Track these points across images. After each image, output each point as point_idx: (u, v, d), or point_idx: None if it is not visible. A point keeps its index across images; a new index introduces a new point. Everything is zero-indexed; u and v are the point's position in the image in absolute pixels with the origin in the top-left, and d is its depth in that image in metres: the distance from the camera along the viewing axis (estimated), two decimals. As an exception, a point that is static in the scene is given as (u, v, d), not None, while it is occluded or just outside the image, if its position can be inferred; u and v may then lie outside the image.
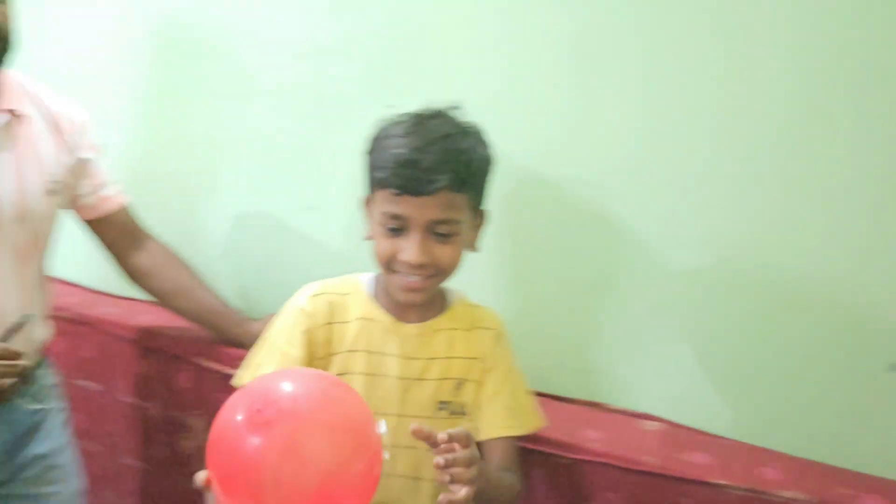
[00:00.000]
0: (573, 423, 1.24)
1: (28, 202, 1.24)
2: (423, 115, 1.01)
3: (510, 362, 1.11)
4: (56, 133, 1.30)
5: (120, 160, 1.54)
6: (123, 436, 1.60)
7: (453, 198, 0.96)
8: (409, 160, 0.94)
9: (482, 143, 1.02)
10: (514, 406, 1.09)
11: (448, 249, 0.98)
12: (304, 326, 1.05)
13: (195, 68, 1.57)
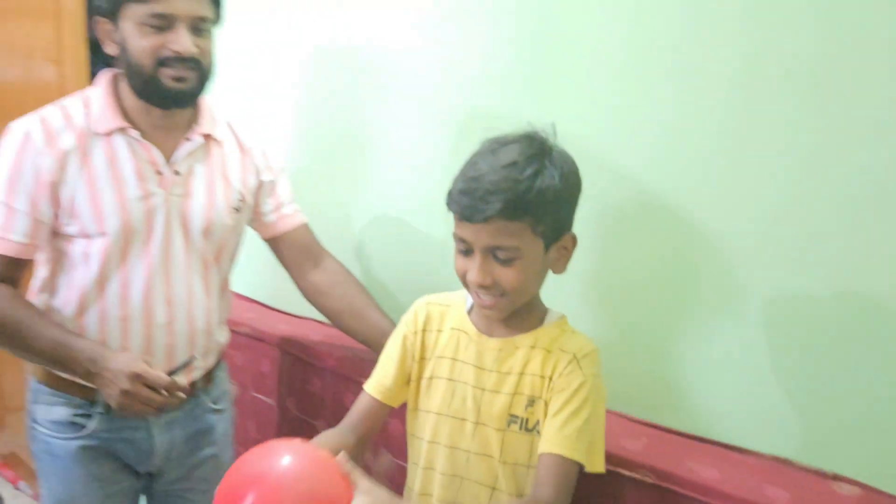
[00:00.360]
0: (753, 477, 1.14)
1: (215, 217, 1.37)
2: (500, 141, 1.04)
3: (583, 390, 1.05)
4: (244, 157, 1.44)
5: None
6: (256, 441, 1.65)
7: (507, 225, 1.00)
8: (466, 188, 1.01)
9: (551, 172, 1.01)
10: (570, 429, 1.03)
11: (509, 272, 1.02)
12: (403, 332, 1.18)
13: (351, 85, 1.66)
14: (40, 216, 1.28)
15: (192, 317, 1.38)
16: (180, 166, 1.34)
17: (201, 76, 1.30)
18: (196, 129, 1.36)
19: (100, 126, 1.29)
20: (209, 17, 1.29)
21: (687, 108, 1.19)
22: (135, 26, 1.24)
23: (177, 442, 1.44)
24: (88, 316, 1.32)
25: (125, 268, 1.31)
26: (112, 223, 1.28)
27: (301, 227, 1.52)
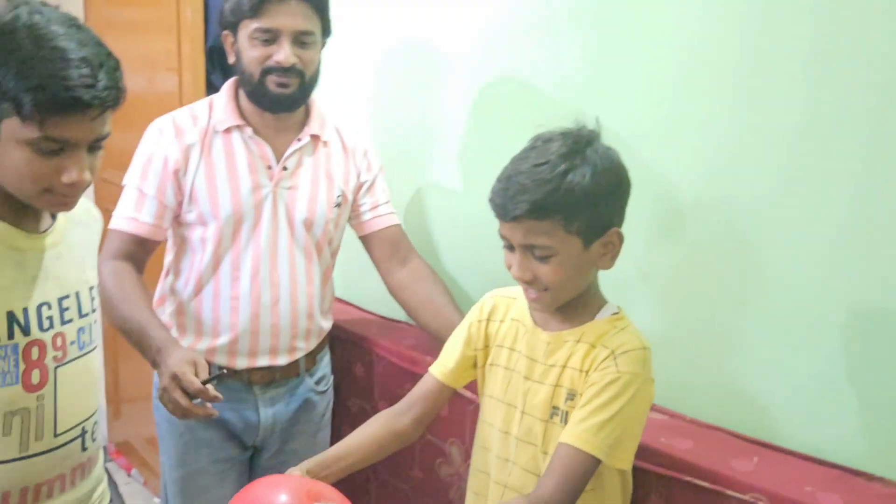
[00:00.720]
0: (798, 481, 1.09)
1: (316, 211, 1.51)
2: (541, 138, 1.07)
3: (614, 386, 1.04)
4: (347, 157, 1.58)
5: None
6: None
7: (537, 224, 1.02)
8: (500, 187, 1.05)
9: (582, 170, 1.02)
10: (592, 422, 1.03)
11: (547, 269, 1.04)
12: (469, 320, 1.24)
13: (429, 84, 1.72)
14: (166, 200, 1.45)
15: (295, 300, 1.51)
16: (288, 162, 1.50)
17: (303, 83, 1.45)
18: (305, 130, 1.51)
19: (220, 124, 1.48)
20: (312, 30, 1.44)
21: (749, 111, 1.18)
22: (247, 39, 1.42)
23: (280, 416, 1.57)
24: (204, 295, 1.49)
25: (235, 252, 1.47)
26: (224, 209, 1.45)
27: (393, 227, 1.62)
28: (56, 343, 1.06)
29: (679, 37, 1.26)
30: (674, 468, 1.16)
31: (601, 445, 1.02)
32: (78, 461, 1.11)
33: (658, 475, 1.18)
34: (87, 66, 0.93)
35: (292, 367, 1.56)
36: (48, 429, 1.06)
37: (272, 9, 1.39)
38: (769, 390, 1.22)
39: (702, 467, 1.14)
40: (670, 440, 1.21)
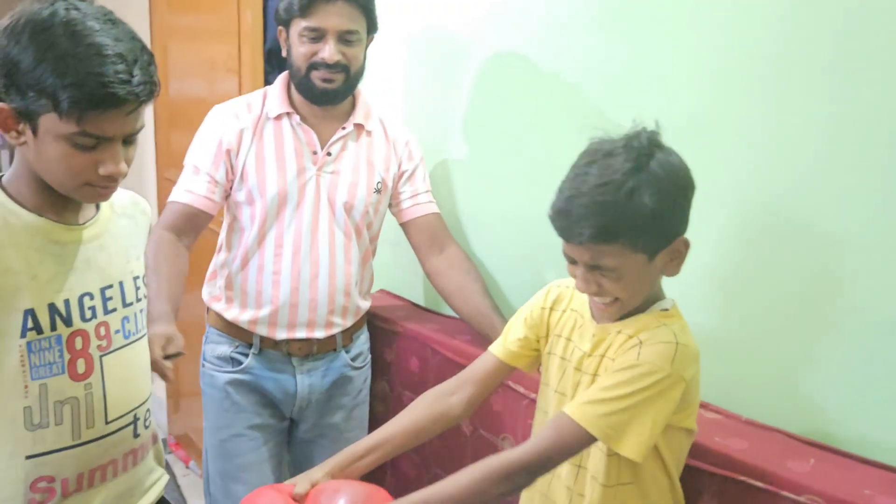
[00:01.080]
0: (856, 484, 1.07)
1: (357, 195, 1.62)
2: (600, 151, 1.03)
3: (629, 372, 1.03)
4: (388, 147, 1.68)
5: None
6: (437, 448, 1.69)
7: (602, 248, 1.01)
8: (562, 209, 1.03)
9: (647, 190, 0.99)
10: (595, 398, 1.04)
11: (612, 284, 1.04)
12: (533, 304, 1.25)
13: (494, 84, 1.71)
14: (217, 176, 1.58)
15: (334, 277, 1.62)
16: (332, 149, 1.62)
17: (348, 78, 1.56)
18: (350, 120, 1.63)
19: (271, 112, 1.60)
20: (357, 29, 1.54)
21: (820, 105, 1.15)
22: (297, 36, 1.54)
23: (316, 388, 1.68)
24: (249, 269, 1.62)
25: (279, 230, 1.59)
26: (271, 189, 1.57)
27: (431, 215, 1.71)
28: (100, 332, 1.09)
29: (748, 27, 1.24)
30: (728, 468, 1.15)
31: (600, 424, 1.02)
32: (130, 447, 1.15)
33: (711, 474, 1.17)
34: (123, 62, 0.95)
35: (329, 342, 1.67)
36: (98, 416, 1.09)
37: (320, 9, 1.50)
38: (829, 392, 1.20)
39: (756, 467, 1.13)
40: (725, 440, 1.20)
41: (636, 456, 1.02)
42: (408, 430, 1.23)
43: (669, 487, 1.13)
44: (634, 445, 1.02)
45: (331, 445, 1.67)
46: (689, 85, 1.32)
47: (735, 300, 1.31)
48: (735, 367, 1.30)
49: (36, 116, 0.96)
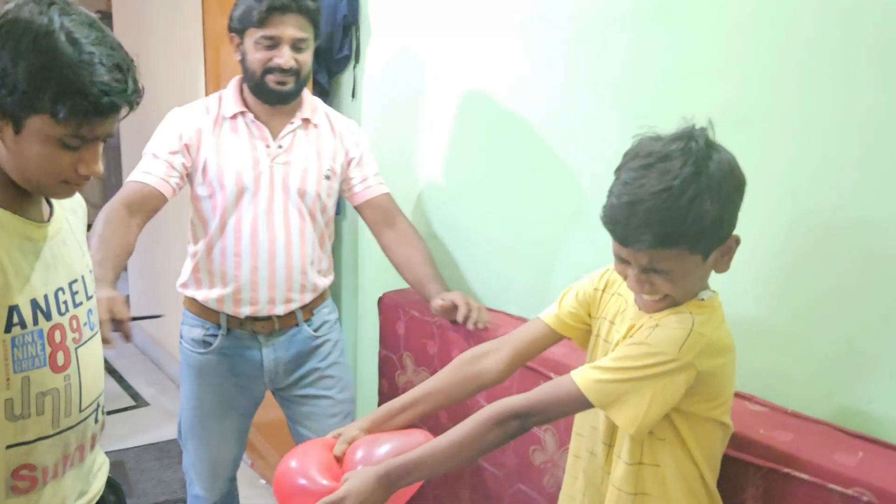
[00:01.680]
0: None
1: (307, 181, 1.80)
2: (655, 153, 1.01)
3: (635, 349, 1.06)
4: (335, 137, 1.86)
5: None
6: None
7: (662, 252, 1.01)
8: (621, 215, 1.02)
9: (708, 196, 0.98)
10: (598, 364, 1.07)
11: (666, 283, 1.05)
12: (586, 282, 1.27)
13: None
14: (175, 163, 1.74)
15: (290, 256, 1.79)
16: (283, 141, 1.80)
17: (298, 80, 1.75)
18: (298, 115, 1.81)
19: (227, 112, 1.79)
20: (307, 37, 1.73)
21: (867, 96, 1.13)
22: (253, 44, 1.72)
23: (281, 359, 1.88)
24: (214, 254, 1.80)
25: (238, 216, 1.77)
26: (229, 180, 1.75)
27: (382, 195, 1.89)
28: (73, 325, 1.12)
29: (784, 16, 1.23)
30: (773, 460, 1.14)
31: (595, 389, 1.05)
32: (92, 432, 1.18)
33: (756, 466, 1.16)
34: (119, 72, 0.99)
35: (290, 318, 1.85)
36: (75, 405, 1.12)
37: (276, 20, 1.68)
38: (877, 384, 1.17)
39: (802, 459, 1.11)
40: (770, 432, 1.18)
41: (629, 426, 1.04)
42: (441, 390, 1.27)
43: (698, 477, 1.12)
44: (630, 417, 1.04)
45: (312, 403, 1.93)
46: (726, 79, 1.31)
47: (781, 292, 1.29)
48: (781, 359, 1.28)
49: (24, 117, 0.98)
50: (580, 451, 1.27)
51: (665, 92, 1.42)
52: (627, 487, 1.13)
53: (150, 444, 3.16)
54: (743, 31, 1.29)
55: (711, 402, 1.09)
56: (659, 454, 1.10)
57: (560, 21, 1.63)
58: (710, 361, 1.05)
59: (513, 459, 1.62)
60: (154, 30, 3.64)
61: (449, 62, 1.96)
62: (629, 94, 1.50)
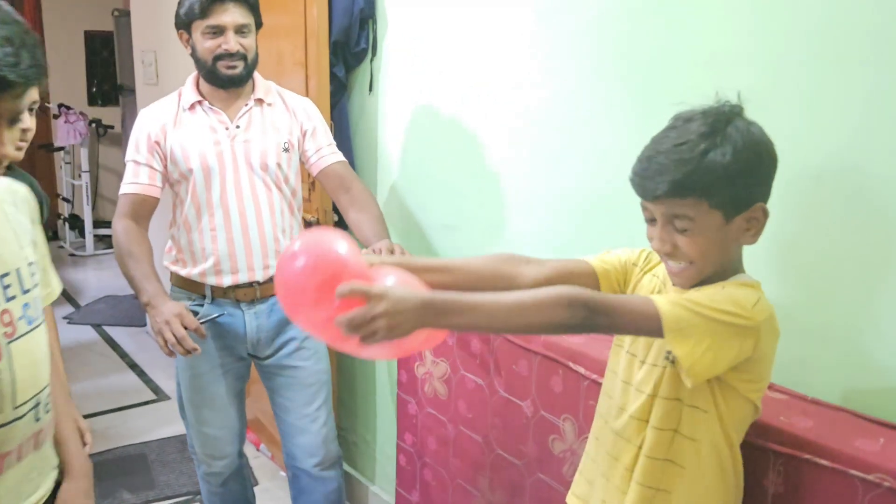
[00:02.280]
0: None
1: (268, 155, 1.95)
2: (682, 118, 1.08)
3: (720, 293, 1.06)
4: (289, 114, 2.01)
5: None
6: (500, 430, 1.71)
7: (678, 202, 1.05)
8: (640, 168, 1.08)
9: (722, 149, 1.02)
10: (675, 297, 1.06)
11: (687, 240, 1.07)
12: (623, 252, 1.27)
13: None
14: (154, 165, 1.93)
15: (261, 225, 1.95)
16: (240, 122, 1.95)
17: (247, 64, 1.91)
18: (252, 97, 1.97)
19: (186, 103, 1.96)
20: (249, 23, 1.90)
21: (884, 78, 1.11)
22: (200, 35, 1.89)
23: (263, 327, 2.02)
24: (192, 232, 1.95)
25: (209, 194, 1.92)
26: (195, 163, 1.91)
27: (336, 163, 2.04)
28: (4, 320, 1.07)
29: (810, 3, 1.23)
30: (793, 446, 1.14)
31: (670, 311, 1.02)
32: (32, 431, 1.13)
33: (776, 453, 1.16)
34: (10, 45, 0.93)
35: (270, 287, 1.97)
36: (7, 402, 1.07)
37: (217, 9, 1.85)
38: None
39: (823, 445, 1.11)
40: (790, 418, 1.18)
41: (685, 357, 1.03)
42: (470, 271, 1.20)
43: (730, 452, 1.13)
44: (687, 349, 1.03)
45: (289, 374, 2.06)
46: (760, 56, 1.31)
47: (800, 277, 1.29)
48: (800, 346, 1.28)
49: None
50: (600, 431, 1.27)
51: (674, 83, 1.42)
52: (659, 454, 1.14)
53: (172, 436, 3.20)
54: (756, 21, 1.29)
55: (756, 383, 1.10)
56: (699, 427, 1.11)
57: (576, 13, 1.63)
58: (769, 337, 1.07)
59: (532, 449, 1.63)
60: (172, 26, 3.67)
61: (466, 55, 1.96)
62: (644, 88, 1.50)
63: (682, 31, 1.42)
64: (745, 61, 1.33)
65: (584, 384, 1.48)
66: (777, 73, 1.27)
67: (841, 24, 1.18)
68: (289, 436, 2.14)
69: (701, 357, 1.03)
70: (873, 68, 1.16)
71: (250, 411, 3.19)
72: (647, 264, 1.25)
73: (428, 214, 2.19)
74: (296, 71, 2.41)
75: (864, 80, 1.17)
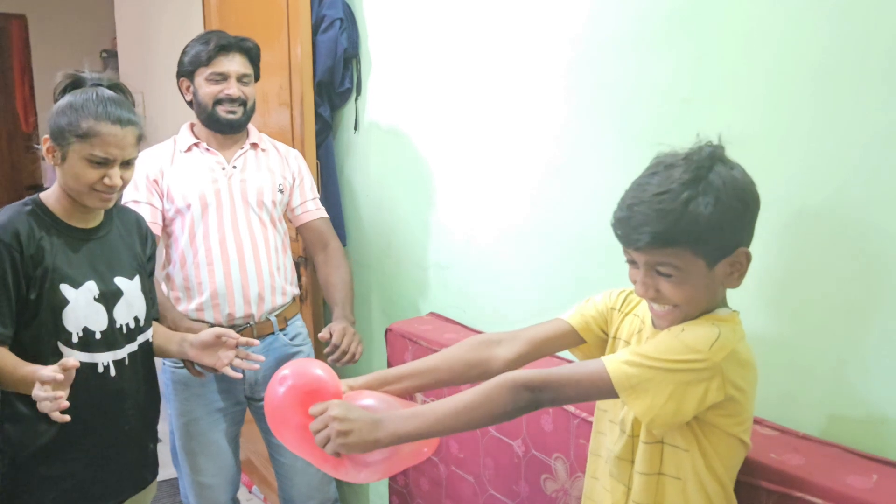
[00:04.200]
0: None
1: (264, 193, 2.00)
2: (663, 163, 1.07)
3: (670, 343, 1.04)
4: (281, 158, 2.09)
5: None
6: (492, 470, 1.69)
7: (661, 252, 1.04)
8: (622, 217, 1.07)
9: (705, 199, 1.01)
10: (626, 352, 1.06)
11: (670, 286, 1.06)
12: (602, 298, 1.27)
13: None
14: (154, 203, 1.95)
15: (258, 260, 1.97)
16: (237, 163, 2.01)
17: (246, 111, 1.98)
18: (247, 141, 2.04)
19: (182, 146, 2.00)
20: (250, 73, 2.00)
21: (869, 109, 1.12)
22: (203, 80, 1.95)
23: (261, 368, 1.88)
24: (187, 267, 1.96)
25: (205, 229, 1.94)
26: (192, 198, 1.94)
27: (318, 220, 2.10)
28: None
29: (794, 37, 1.23)
30: (785, 484, 1.13)
31: (620, 371, 1.04)
32: None
33: (768, 491, 1.14)
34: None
35: (266, 326, 2.00)
36: None
37: (222, 58, 1.93)
38: (891, 404, 1.16)
39: (815, 483, 1.10)
40: (780, 455, 1.17)
41: (642, 415, 1.03)
42: (444, 368, 1.25)
43: (722, 493, 1.11)
44: (645, 406, 1.03)
45: None
46: (747, 91, 1.31)
47: (788, 310, 1.29)
48: (788, 380, 1.27)
49: None
50: (597, 472, 1.26)
51: (671, 114, 1.43)
52: (648, 500, 1.12)
53: (163, 480, 3.15)
54: (750, 52, 1.29)
55: (736, 417, 1.08)
56: (682, 466, 1.10)
57: (561, 50, 1.64)
58: (736, 371, 1.04)
59: (525, 489, 1.61)
60: (158, 67, 3.69)
61: (449, 92, 1.97)
62: (635, 117, 1.51)
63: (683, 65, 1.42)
64: (728, 99, 1.33)
65: (574, 423, 1.47)
66: (767, 110, 1.28)
67: (838, 59, 1.18)
68: (285, 478, 2.12)
69: (662, 409, 1.02)
70: (857, 99, 1.16)
71: (243, 452, 3.15)
72: (627, 306, 1.24)
73: (417, 253, 2.18)
74: (281, 111, 2.42)
75: (848, 110, 1.17)
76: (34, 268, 1.44)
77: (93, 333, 1.51)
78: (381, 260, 2.36)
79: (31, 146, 5.70)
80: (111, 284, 1.55)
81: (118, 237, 1.61)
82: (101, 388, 1.53)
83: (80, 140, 1.44)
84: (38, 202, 1.51)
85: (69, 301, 1.48)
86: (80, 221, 1.53)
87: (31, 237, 1.45)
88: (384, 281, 2.35)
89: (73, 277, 1.49)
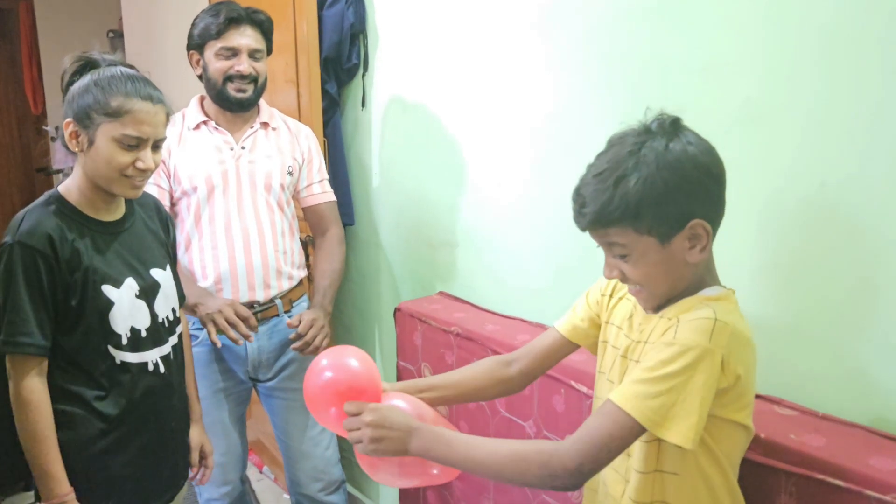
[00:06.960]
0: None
1: (273, 176, 1.94)
2: (610, 142, 1.07)
3: (668, 351, 0.99)
4: (293, 138, 2.02)
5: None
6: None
7: (606, 231, 1.04)
8: (573, 198, 1.07)
9: (635, 175, 1.00)
10: (639, 384, 1.00)
11: (629, 267, 1.06)
12: (594, 289, 1.28)
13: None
14: (161, 183, 1.88)
15: (263, 244, 1.92)
16: (245, 143, 1.94)
17: (256, 88, 1.91)
18: (257, 120, 1.97)
19: (191, 123, 1.93)
20: (262, 48, 1.91)
21: (872, 91, 1.07)
22: (213, 55, 1.87)
23: (265, 348, 1.97)
24: (192, 250, 1.91)
25: (211, 212, 1.89)
26: (199, 181, 1.88)
27: (322, 204, 2.06)
28: None
29: (794, 15, 1.20)
30: (805, 466, 1.10)
31: (645, 410, 0.98)
32: None
33: (787, 473, 1.11)
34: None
35: (271, 309, 1.95)
36: None
37: (233, 32, 1.85)
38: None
39: (836, 465, 1.07)
40: (801, 437, 1.14)
41: (686, 442, 0.97)
42: (469, 384, 1.32)
43: (724, 484, 1.07)
44: (683, 430, 0.97)
45: (291, 396, 2.01)
46: (739, 74, 1.28)
47: (809, 289, 1.25)
48: (810, 360, 1.24)
49: None
50: (594, 482, 1.23)
51: (678, 88, 1.39)
52: (645, 498, 1.09)
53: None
54: (755, 27, 1.25)
55: (736, 403, 1.04)
56: (680, 462, 1.06)
57: (571, 21, 1.60)
58: (739, 352, 1.00)
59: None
60: (165, 46, 3.66)
61: (458, 67, 1.93)
62: (643, 94, 1.46)
63: (690, 36, 1.39)
64: (736, 73, 1.29)
65: (586, 403, 1.44)
66: (775, 84, 1.24)
67: (851, 32, 1.14)
68: (292, 461, 2.11)
69: (698, 424, 0.98)
70: (861, 80, 1.12)
71: (252, 433, 3.15)
72: (617, 290, 1.23)
73: (424, 230, 2.15)
74: (287, 88, 2.39)
75: (871, 89, 1.13)
76: (71, 273, 1.34)
77: (139, 332, 1.44)
78: (389, 239, 2.33)
79: (41, 128, 5.68)
80: (149, 278, 1.47)
81: (143, 226, 1.52)
82: (153, 386, 1.47)
83: (110, 119, 1.32)
84: (60, 199, 1.39)
85: (114, 302, 1.39)
86: (106, 214, 1.43)
87: (64, 240, 1.34)
88: (393, 260, 2.33)
89: (114, 277, 1.40)
